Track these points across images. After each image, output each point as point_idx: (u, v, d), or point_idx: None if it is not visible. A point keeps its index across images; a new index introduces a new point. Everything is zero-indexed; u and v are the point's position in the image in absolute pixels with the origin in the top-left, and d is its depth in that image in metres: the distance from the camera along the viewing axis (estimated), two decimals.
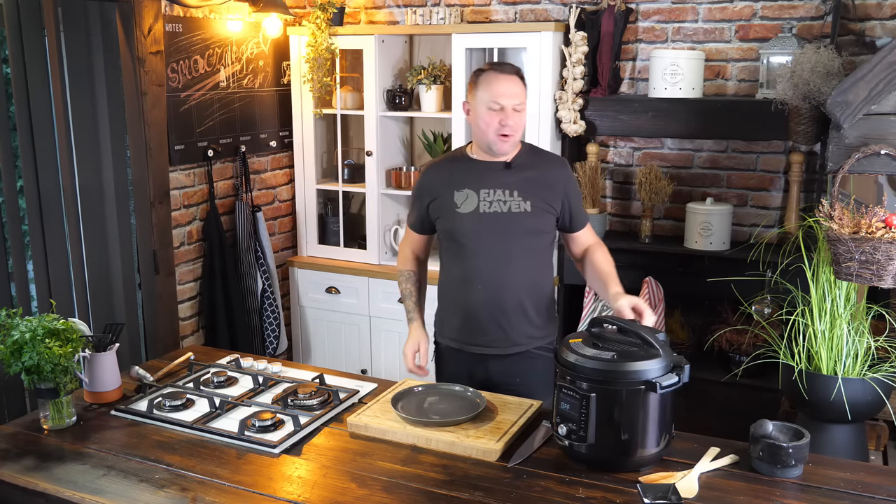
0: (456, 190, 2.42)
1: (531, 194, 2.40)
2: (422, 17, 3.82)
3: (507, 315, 2.42)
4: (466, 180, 2.42)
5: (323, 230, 4.23)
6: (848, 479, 1.81)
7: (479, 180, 2.41)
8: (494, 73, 2.35)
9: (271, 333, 4.00)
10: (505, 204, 2.39)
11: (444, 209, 2.44)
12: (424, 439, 1.99)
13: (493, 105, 2.31)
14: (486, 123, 2.33)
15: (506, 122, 2.32)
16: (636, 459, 1.84)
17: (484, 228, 2.39)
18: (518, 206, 2.39)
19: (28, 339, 1.97)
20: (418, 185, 2.53)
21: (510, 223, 2.39)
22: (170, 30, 3.43)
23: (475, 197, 2.40)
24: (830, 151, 2.69)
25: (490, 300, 2.41)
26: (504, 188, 2.40)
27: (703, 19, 3.59)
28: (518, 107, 2.34)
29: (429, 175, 2.51)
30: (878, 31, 3.28)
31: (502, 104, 2.30)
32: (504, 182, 2.40)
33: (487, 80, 2.34)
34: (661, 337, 1.89)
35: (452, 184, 2.44)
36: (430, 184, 2.49)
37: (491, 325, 2.43)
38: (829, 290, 2.56)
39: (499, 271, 2.40)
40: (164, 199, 3.46)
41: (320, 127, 4.16)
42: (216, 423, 2.10)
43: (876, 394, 2.51)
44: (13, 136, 2.93)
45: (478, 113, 2.36)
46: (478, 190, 2.40)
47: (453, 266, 2.48)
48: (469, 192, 2.40)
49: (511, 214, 2.39)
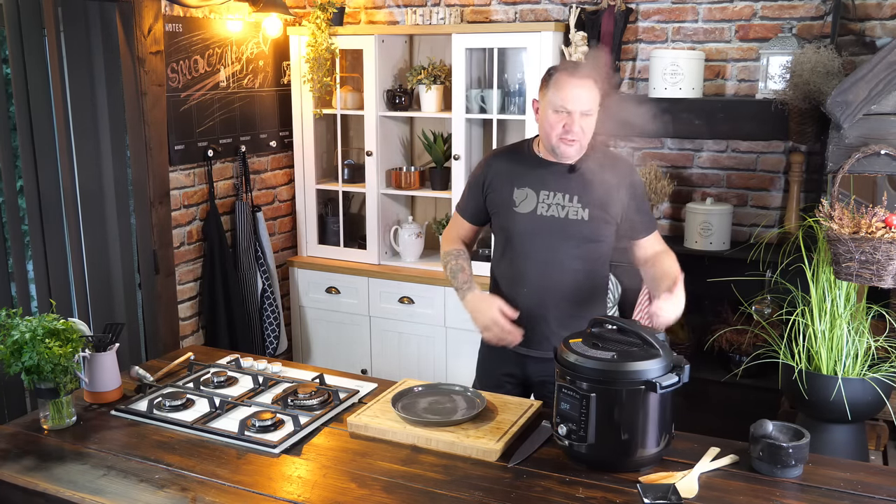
0: (517, 187, 2.35)
1: (590, 202, 2.32)
2: (422, 17, 3.82)
3: (548, 321, 2.37)
4: (528, 178, 2.35)
5: (323, 230, 4.23)
6: (848, 479, 1.81)
7: (541, 180, 2.34)
8: (566, 75, 2.23)
9: (271, 333, 4.00)
10: (563, 209, 2.32)
11: (502, 205, 2.38)
12: (424, 439, 1.99)
13: (559, 108, 2.22)
14: (549, 126, 2.24)
15: (570, 129, 2.22)
16: (636, 459, 1.84)
17: (538, 231, 2.33)
18: (576, 213, 2.32)
19: (28, 339, 1.97)
20: (478, 174, 2.44)
21: (565, 229, 2.32)
22: (170, 30, 3.43)
23: (534, 197, 2.33)
24: (830, 151, 2.69)
25: (535, 304, 2.37)
26: (564, 192, 2.32)
27: (703, 19, 3.59)
28: (587, 112, 2.22)
29: (491, 165, 2.43)
30: (878, 31, 3.28)
31: (569, 109, 2.20)
32: (565, 185, 2.32)
33: (557, 82, 2.23)
34: (661, 337, 1.89)
35: (513, 180, 2.36)
36: (491, 175, 2.40)
37: (533, 328, 2.37)
38: (829, 290, 2.56)
39: (546, 276, 2.35)
40: (164, 199, 3.46)
41: (320, 127, 4.16)
42: (216, 423, 2.10)
43: (876, 394, 2.51)
44: (13, 136, 2.93)
45: (545, 114, 2.27)
46: (538, 190, 2.33)
47: (502, 262, 2.42)
48: (529, 192, 2.34)
49: (567, 220, 2.32)
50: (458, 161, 3.77)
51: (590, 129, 2.26)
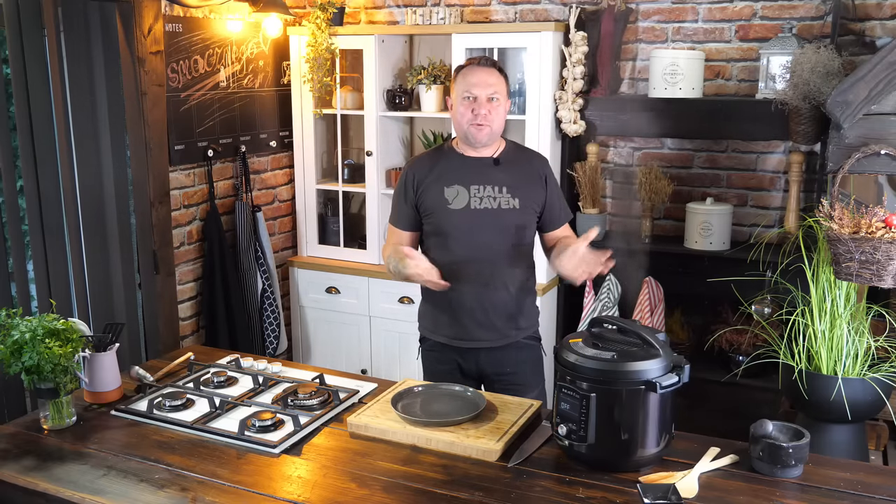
0: (446, 186, 2.43)
1: (519, 191, 2.44)
2: (422, 17, 3.82)
3: (496, 310, 2.47)
4: (456, 176, 2.43)
5: (323, 230, 4.23)
6: (848, 479, 1.81)
7: (469, 176, 2.43)
8: (471, 66, 2.41)
9: (271, 333, 4.00)
10: (495, 200, 2.42)
11: (436, 206, 2.44)
12: (424, 439, 1.99)
13: (466, 95, 2.36)
14: (460, 115, 2.39)
15: (478, 112, 2.35)
16: (636, 459, 1.84)
17: (475, 224, 2.41)
18: (507, 203, 2.42)
19: (28, 339, 1.97)
20: (404, 181, 2.50)
21: (499, 219, 2.42)
22: (170, 30, 3.43)
23: (465, 193, 2.42)
24: (830, 151, 2.69)
25: (480, 295, 2.45)
26: (493, 184, 2.42)
27: (703, 19, 3.59)
28: (493, 96, 2.36)
29: (415, 169, 2.50)
30: (878, 31, 3.28)
31: (475, 94, 2.35)
32: (493, 178, 2.43)
33: (464, 73, 2.40)
34: (661, 337, 1.88)
35: (441, 179, 2.44)
36: (417, 179, 2.47)
37: (481, 320, 2.46)
38: (829, 290, 2.56)
39: (488, 267, 2.44)
40: (164, 199, 3.46)
41: (320, 127, 4.16)
42: (216, 423, 2.10)
43: (876, 394, 2.51)
44: (13, 136, 2.93)
45: (455, 106, 2.41)
46: (468, 186, 2.42)
47: (441, 263, 2.41)
48: (459, 189, 2.42)
49: (500, 210, 2.42)
50: None
51: (499, 116, 2.39)
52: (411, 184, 2.48)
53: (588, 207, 3.69)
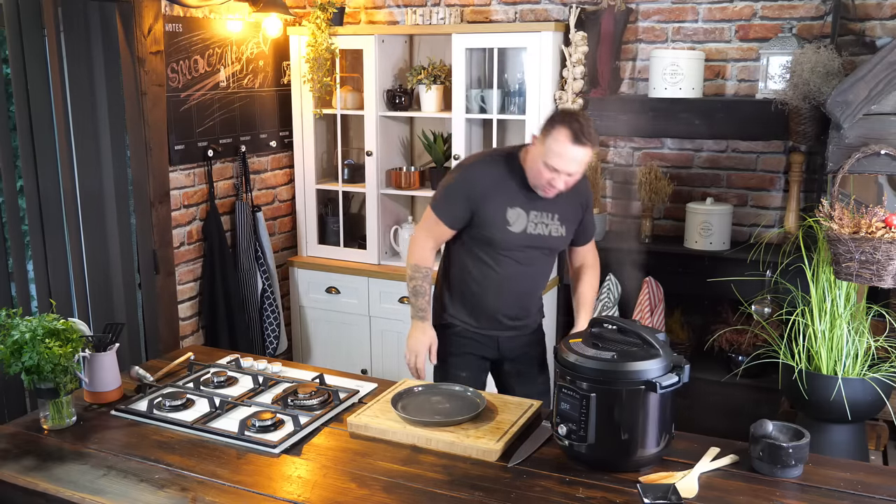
0: (509, 206, 2.43)
1: (567, 218, 2.52)
2: (422, 17, 3.82)
3: (519, 315, 2.62)
4: (519, 198, 2.44)
5: (323, 230, 4.23)
6: (848, 479, 1.81)
7: (531, 201, 2.44)
8: (569, 141, 2.23)
9: (271, 333, 4.00)
10: (547, 227, 2.49)
11: (494, 221, 2.44)
12: (424, 439, 1.99)
13: (551, 167, 2.30)
14: (538, 173, 2.35)
15: (556, 184, 2.34)
16: (636, 459, 1.84)
17: (526, 246, 2.50)
18: (557, 231, 2.50)
19: (28, 339, 1.97)
20: (466, 184, 2.44)
21: (547, 244, 2.52)
22: (170, 30, 3.43)
23: (525, 217, 2.45)
24: (830, 151, 2.69)
25: (509, 305, 2.57)
26: (549, 212, 2.47)
27: (703, 19, 3.59)
28: (576, 176, 2.34)
29: (482, 177, 2.44)
30: (878, 31, 3.28)
31: (560, 169, 2.30)
32: (550, 206, 2.47)
33: (559, 143, 2.24)
34: (661, 337, 1.88)
35: (506, 197, 2.43)
36: (482, 187, 2.42)
37: (505, 321, 2.59)
38: (829, 290, 2.56)
39: (524, 283, 2.57)
40: (164, 199, 3.46)
41: (320, 127, 4.16)
42: (216, 423, 2.10)
43: (876, 394, 2.51)
44: (13, 136, 2.93)
45: (536, 160, 2.34)
46: (528, 210, 2.45)
47: (477, 266, 2.52)
48: (521, 212, 2.44)
49: (551, 238, 2.51)
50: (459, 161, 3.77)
51: (574, 183, 2.38)
52: (474, 189, 2.43)
53: None
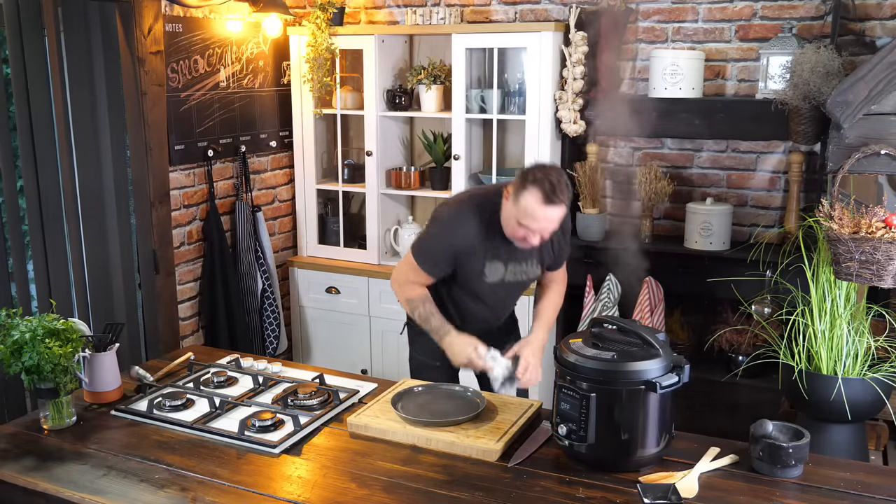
0: (488, 261, 2.41)
1: (544, 257, 2.51)
2: (422, 17, 3.82)
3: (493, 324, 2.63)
4: (498, 253, 2.41)
5: (323, 230, 4.23)
6: (848, 479, 1.81)
7: (510, 255, 2.42)
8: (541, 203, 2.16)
9: (271, 333, 4.00)
10: (525, 274, 2.50)
11: (472, 273, 2.42)
12: (424, 439, 1.99)
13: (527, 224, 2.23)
14: (514, 228, 2.27)
15: (531, 240, 2.28)
16: (636, 459, 1.84)
17: (502, 290, 2.50)
18: (534, 273, 2.52)
19: (28, 339, 1.97)
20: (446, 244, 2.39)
21: (524, 285, 2.54)
22: (170, 30, 3.43)
23: (503, 269, 2.45)
24: (830, 151, 2.69)
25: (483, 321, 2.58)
26: (527, 259, 2.47)
27: (703, 19, 3.59)
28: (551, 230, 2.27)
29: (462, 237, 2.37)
30: (878, 31, 3.28)
31: (534, 229, 2.24)
32: (528, 254, 2.45)
33: (532, 205, 2.17)
34: (661, 337, 1.89)
35: (486, 254, 2.39)
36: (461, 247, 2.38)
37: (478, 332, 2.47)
38: (829, 290, 2.56)
39: (497, 314, 2.61)
40: (164, 199, 3.46)
41: (320, 127, 4.16)
42: (216, 423, 2.10)
43: (876, 394, 2.51)
44: (13, 136, 2.93)
45: (510, 217, 2.27)
46: (507, 263, 2.44)
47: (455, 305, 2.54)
48: (499, 265, 2.44)
49: (528, 280, 2.53)
50: (458, 161, 3.76)
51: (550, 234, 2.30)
52: (453, 247, 2.39)
53: (588, 207, 3.69)
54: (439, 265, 2.43)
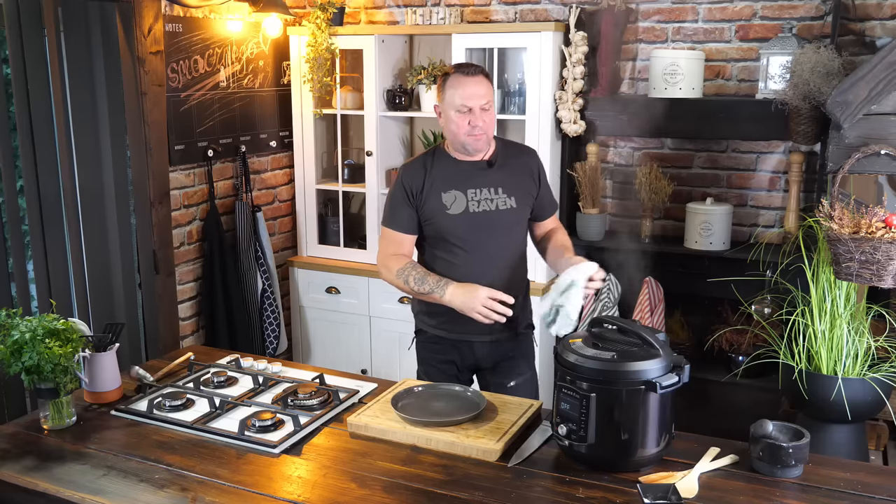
0: (442, 192, 2.45)
1: (514, 189, 2.49)
2: (422, 17, 3.82)
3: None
4: (451, 181, 2.46)
5: (323, 230, 4.23)
6: (848, 479, 1.81)
7: (465, 180, 2.45)
8: (460, 75, 2.39)
9: (271, 333, 4.00)
10: (492, 202, 2.46)
11: (435, 212, 2.45)
12: (424, 439, 1.99)
13: (461, 108, 2.37)
14: (456, 126, 2.40)
15: (475, 123, 2.38)
16: (636, 459, 1.84)
17: (474, 228, 2.45)
18: (504, 203, 2.47)
19: (28, 339, 1.97)
20: (401, 187, 2.48)
21: (498, 220, 2.47)
22: (170, 30, 3.43)
23: (463, 197, 2.45)
24: (830, 151, 2.70)
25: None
26: (489, 186, 2.46)
27: (703, 19, 3.59)
28: (486, 106, 2.39)
29: (410, 177, 2.48)
30: (878, 31, 3.28)
31: (470, 105, 2.36)
32: (489, 180, 2.47)
33: (454, 84, 2.39)
34: (661, 337, 1.88)
35: (437, 185, 2.45)
36: (415, 186, 2.47)
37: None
38: (829, 290, 2.56)
39: (489, 268, 2.47)
40: (164, 199, 3.46)
41: (320, 127, 4.16)
42: (216, 423, 2.10)
43: (876, 394, 2.51)
44: (13, 136, 2.93)
45: (448, 116, 2.41)
46: (465, 190, 2.45)
47: (441, 266, 2.48)
48: (457, 194, 2.45)
49: (499, 212, 2.46)
50: None
51: (491, 121, 2.43)
52: (409, 188, 2.47)
53: (588, 207, 3.69)
54: (403, 214, 2.47)
